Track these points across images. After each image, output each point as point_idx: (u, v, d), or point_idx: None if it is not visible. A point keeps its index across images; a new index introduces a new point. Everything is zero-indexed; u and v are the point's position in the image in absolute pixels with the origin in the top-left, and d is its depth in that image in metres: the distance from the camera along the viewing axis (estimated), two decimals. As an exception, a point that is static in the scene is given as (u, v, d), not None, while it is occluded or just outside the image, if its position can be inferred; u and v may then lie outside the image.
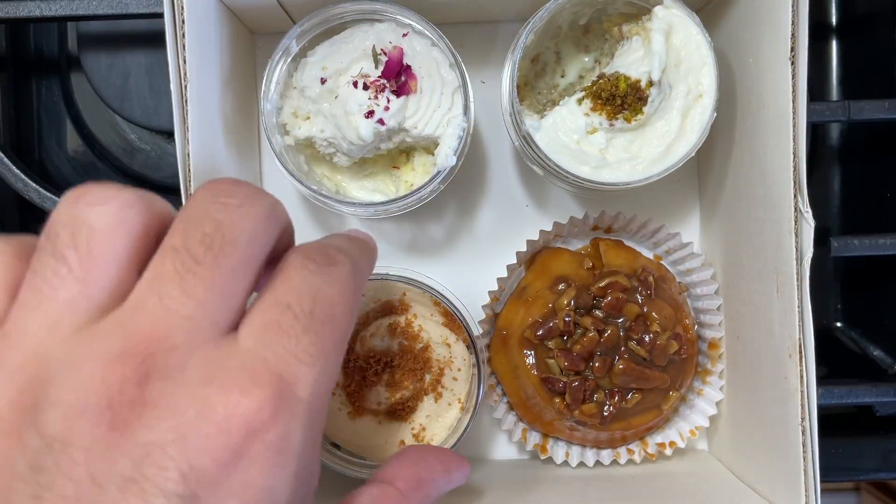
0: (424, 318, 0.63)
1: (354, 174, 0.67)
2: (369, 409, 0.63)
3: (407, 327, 0.62)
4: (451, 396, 0.62)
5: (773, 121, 0.58)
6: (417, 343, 0.62)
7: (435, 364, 0.62)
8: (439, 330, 0.63)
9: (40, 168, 0.78)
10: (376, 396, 0.62)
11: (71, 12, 0.68)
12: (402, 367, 0.62)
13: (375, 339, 0.62)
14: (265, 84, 0.62)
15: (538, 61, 0.68)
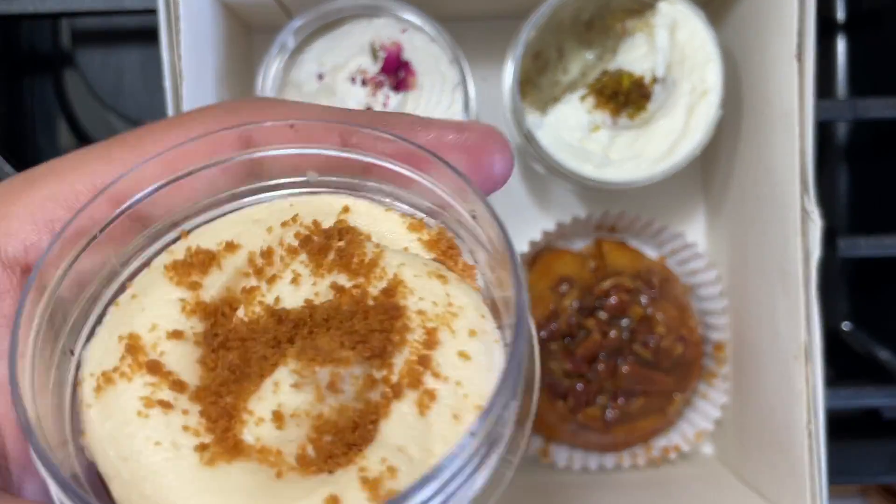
0: (401, 246, 0.30)
1: (352, 173, 0.66)
2: (258, 447, 0.26)
3: (351, 249, 0.28)
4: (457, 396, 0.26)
5: (779, 119, 0.57)
6: (372, 281, 0.28)
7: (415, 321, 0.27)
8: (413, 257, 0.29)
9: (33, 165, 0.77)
10: (268, 398, 0.26)
11: (65, 8, 0.67)
12: (339, 328, 0.27)
13: (281, 284, 0.28)
14: (261, 80, 0.61)
15: (540, 58, 0.67)
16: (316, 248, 0.28)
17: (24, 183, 0.30)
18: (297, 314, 0.27)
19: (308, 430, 0.25)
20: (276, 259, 0.28)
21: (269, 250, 0.28)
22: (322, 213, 0.29)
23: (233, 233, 0.29)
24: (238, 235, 0.28)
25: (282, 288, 0.28)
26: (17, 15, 0.67)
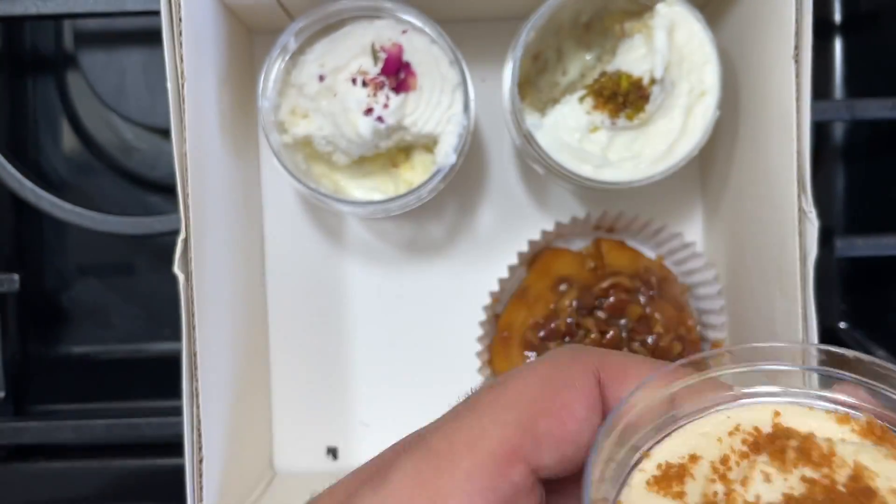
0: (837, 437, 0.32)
1: (353, 173, 0.66)
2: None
3: (805, 444, 0.31)
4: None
5: (776, 119, 0.58)
6: (836, 470, 0.31)
7: (890, 500, 0.30)
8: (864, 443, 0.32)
9: (36, 167, 0.77)
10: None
11: (67, 9, 0.67)
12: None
13: (754, 482, 0.31)
14: (263, 82, 0.61)
15: (539, 59, 0.67)
16: (776, 448, 0.31)
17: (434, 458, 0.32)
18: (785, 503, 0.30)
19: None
20: (732, 464, 0.32)
21: (725, 457, 0.32)
22: (757, 420, 0.33)
23: (689, 446, 0.32)
24: (694, 448, 0.32)
25: (758, 486, 0.30)
26: (19, 16, 0.67)
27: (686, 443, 0.33)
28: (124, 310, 0.78)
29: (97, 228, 0.68)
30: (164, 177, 0.78)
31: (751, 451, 0.32)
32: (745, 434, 0.33)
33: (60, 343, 0.78)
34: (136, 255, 0.78)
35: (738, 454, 0.32)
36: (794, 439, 0.31)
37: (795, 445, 0.31)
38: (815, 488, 0.30)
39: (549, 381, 0.33)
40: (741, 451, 0.32)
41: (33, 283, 0.76)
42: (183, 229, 0.56)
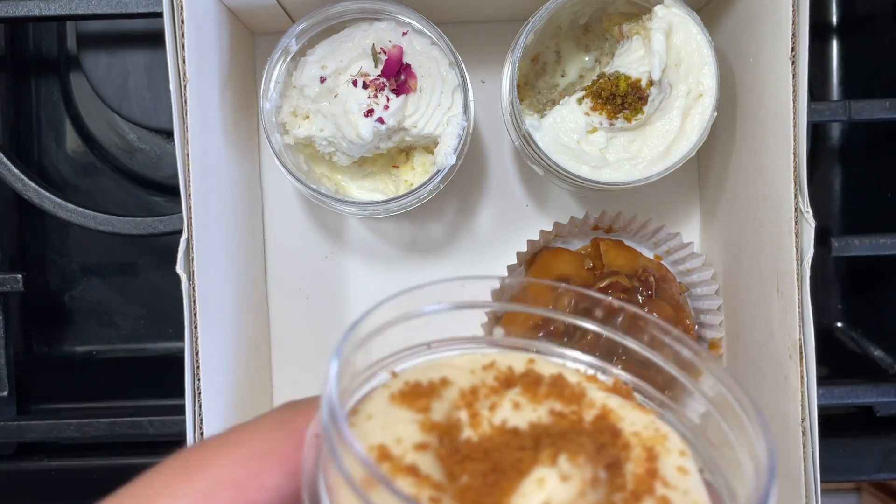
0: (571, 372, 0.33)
1: (354, 173, 0.67)
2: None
3: (557, 382, 0.32)
4: (685, 500, 0.28)
5: (773, 120, 0.58)
6: (586, 409, 0.31)
7: (632, 439, 0.30)
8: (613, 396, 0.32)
9: (39, 168, 0.78)
10: (532, 495, 0.27)
11: (70, 11, 0.67)
12: (572, 439, 0.29)
13: (502, 410, 0.31)
14: (264, 83, 0.62)
15: (538, 61, 0.68)
16: (528, 381, 0.30)
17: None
18: (531, 430, 0.29)
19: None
20: (481, 396, 0.31)
21: (475, 388, 0.31)
22: (512, 362, 0.32)
23: (441, 372, 0.31)
24: (446, 374, 0.31)
25: (506, 412, 0.30)
26: (22, 18, 0.68)
27: (438, 369, 0.32)
28: (127, 309, 0.78)
29: (100, 229, 0.69)
30: (167, 177, 0.78)
31: (501, 387, 0.31)
32: (499, 371, 0.32)
33: (64, 342, 0.78)
34: (138, 255, 0.78)
35: (489, 388, 0.31)
36: (545, 382, 0.31)
37: (548, 381, 0.31)
38: (562, 421, 0.30)
39: (246, 447, 0.31)
40: (492, 385, 0.31)
41: (37, 282, 0.76)
42: (185, 229, 0.57)
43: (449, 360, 0.33)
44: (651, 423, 0.30)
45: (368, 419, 0.29)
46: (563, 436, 0.28)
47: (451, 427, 0.30)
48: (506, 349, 0.33)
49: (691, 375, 0.33)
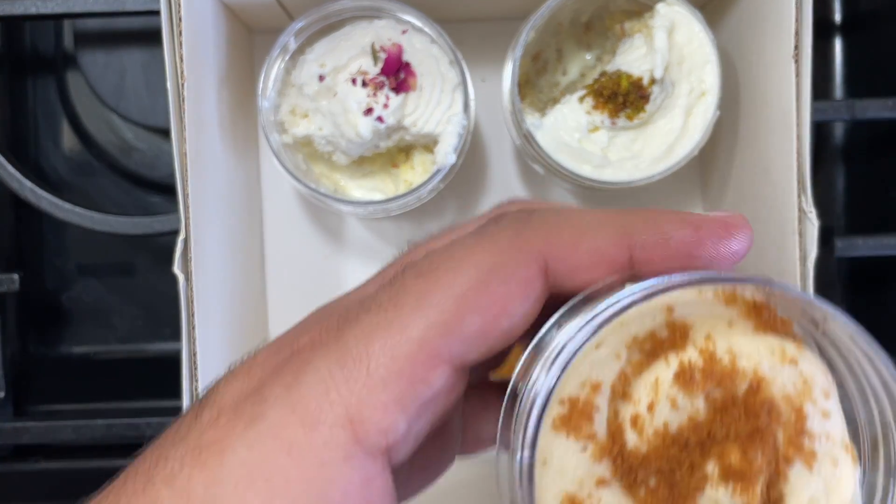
0: (723, 330, 0.33)
1: (353, 173, 0.66)
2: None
3: (709, 366, 0.32)
4: (829, 446, 0.32)
5: (776, 119, 0.58)
6: (739, 383, 0.32)
7: (783, 405, 0.32)
8: (760, 342, 0.32)
9: (36, 167, 0.77)
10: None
11: (67, 9, 0.67)
12: (733, 438, 0.31)
13: (661, 410, 0.32)
14: (263, 82, 0.61)
15: (539, 59, 0.67)
16: (681, 375, 0.31)
17: (349, 361, 0.29)
18: (693, 433, 0.31)
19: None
20: (632, 378, 0.31)
21: (623, 375, 0.31)
22: (651, 323, 0.31)
23: (588, 373, 0.31)
24: (593, 375, 0.31)
25: (665, 413, 0.31)
26: (19, 16, 0.67)
27: (584, 365, 0.31)
28: (124, 310, 0.78)
29: (97, 228, 0.68)
30: (164, 177, 0.78)
31: (648, 360, 0.31)
32: (643, 342, 0.31)
33: (60, 343, 0.78)
34: (136, 254, 0.78)
35: (635, 366, 0.31)
36: (694, 349, 0.31)
37: (700, 367, 0.31)
38: (719, 413, 0.31)
39: (483, 272, 0.30)
40: (638, 361, 0.31)
41: (33, 283, 0.76)
42: (183, 229, 0.56)
43: (591, 342, 0.31)
44: (799, 376, 0.31)
45: (543, 465, 0.30)
46: (726, 436, 0.30)
47: (616, 439, 0.31)
48: (638, 295, 0.31)
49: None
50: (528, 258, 0.31)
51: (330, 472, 0.28)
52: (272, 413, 0.29)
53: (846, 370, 0.32)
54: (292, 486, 0.28)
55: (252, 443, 0.28)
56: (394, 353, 0.29)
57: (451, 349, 0.29)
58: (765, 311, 0.32)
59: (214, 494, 0.28)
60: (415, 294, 0.30)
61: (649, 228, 0.32)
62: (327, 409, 0.28)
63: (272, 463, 0.28)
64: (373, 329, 0.30)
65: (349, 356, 0.29)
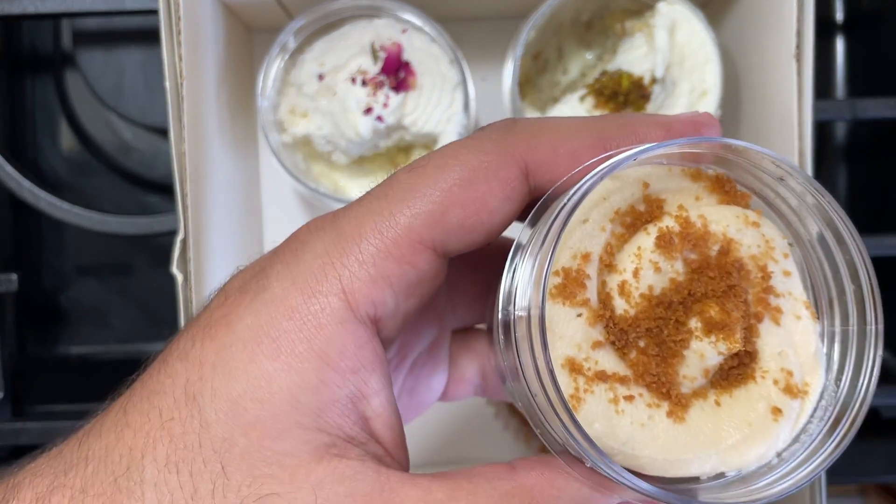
0: (692, 203, 0.36)
1: (353, 172, 0.66)
2: (692, 394, 0.36)
3: (685, 230, 0.35)
4: (792, 303, 0.36)
5: (778, 119, 0.57)
6: (711, 245, 0.35)
7: (750, 264, 0.36)
8: (726, 210, 0.36)
9: (34, 167, 0.77)
10: (695, 365, 0.35)
11: (65, 9, 0.67)
12: (711, 295, 0.35)
13: (645, 275, 0.35)
14: (262, 81, 0.61)
15: (540, 58, 0.67)
16: (663, 241, 0.34)
17: (343, 241, 0.33)
18: (675, 293, 0.34)
19: (720, 372, 0.35)
20: (616, 249, 0.35)
21: (609, 246, 0.34)
22: (630, 198, 0.35)
23: (579, 246, 0.34)
24: (580, 243, 0.34)
25: (649, 278, 0.34)
26: (17, 15, 0.67)
27: (573, 238, 0.34)
28: (123, 310, 0.77)
29: (95, 228, 0.68)
30: (163, 176, 0.77)
31: (628, 233, 0.35)
32: (624, 216, 0.35)
33: (59, 343, 0.77)
34: (134, 255, 0.77)
35: (617, 237, 0.35)
36: (669, 217, 0.34)
37: (677, 231, 0.34)
38: (696, 273, 0.34)
39: (468, 169, 0.33)
40: (620, 233, 0.35)
41: (31, 283, 0.75)
42: (181, 229, 0.56)
43: (579, 215, 0.34)
44: (762, 238, 0.35)
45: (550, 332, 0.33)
46: (704, 294, 0.34)
47: (607, 305, 0.34)
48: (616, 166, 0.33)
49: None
50: (509, 160, 0.33)
51: (327, 333, 0.31)
52: (275, 285, 0.32)
53: (803, 233, 0.36)
54: (295, 344, 0.31)
55: (258, 311, 0.32)
56: (383, 236, 0.32)
57: (434, 237, 0.33)
58: (726, 185, 0.35)
59: (224, 357, 0.31)
60: (404, 186, 0.33)
61: (624, 131, 0.34)
62: (323, 280, 0.32)
63: (276, 326, 0.31)
64: (365, 214, 0.33)
65: (343, 236, 0.33)
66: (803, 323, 0.36)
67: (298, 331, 0.31)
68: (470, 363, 0.44)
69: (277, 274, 0.33)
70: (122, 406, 0.33)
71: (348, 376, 0.32)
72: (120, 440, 0.31)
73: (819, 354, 0.36)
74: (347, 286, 0.32)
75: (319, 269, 0.32)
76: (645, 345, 0.34)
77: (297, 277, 0.32)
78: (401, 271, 0.32)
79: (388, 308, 0.33)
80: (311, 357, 0.31)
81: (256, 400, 0.31)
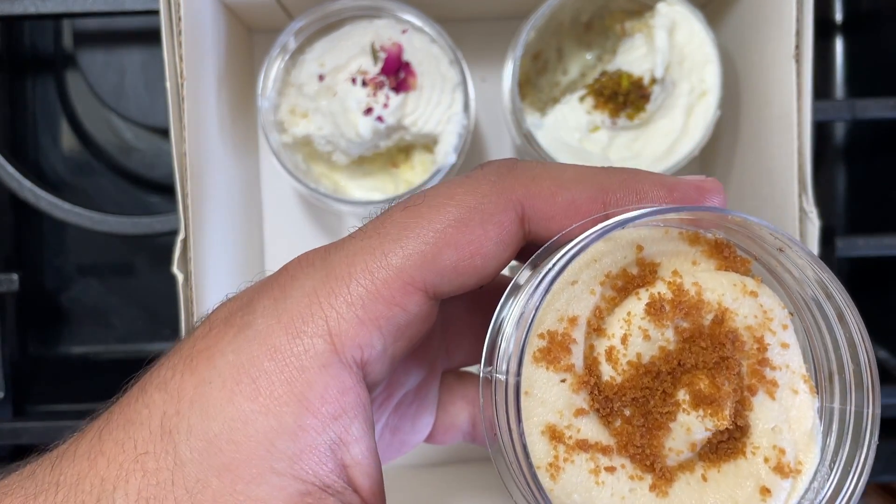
0: (688, 268, 0.35)
1: (353, 172, 0.66)
2: (678, 466, 0.34)
3: (678, 298, 0.34)
4: (789, 376, 0.35)
5: (777, 119, 0.57)
6: (705, 314, 0.34)
7: (746, 335, 0.34)
8: (723, 277, 0.34)
9: (35, 167, 0.77)
10: (681, 438, 0.34)
11: (66, 9, 0.67)
12: (702, 367, 0.34)
13: (634, 342, 0.34)
14: (262, 81, 0.61)
15: (540, 58, 0.67)
16: (653, 308, 0.33)
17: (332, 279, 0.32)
18: (664, 362, 0.33)
19: (717, 433, 0.34)
20: (606, 313, 0.33)
21: (598, 309, 0.33)
22: (622, 261, 0.34)
23: (566, 309, 0.32)
24: (567, 306, 0.33)
25: (637, 346, 0.33)
26: (18, 16, 0.67)
27: (559, 299, 0.32)
28: (124, 310, 0.78)
29: (96, 228, 0.68)
30: (164, 177, 0.77)
31: (619, 296, 0.33)
32: (614, 280, 0.33)
33: (60, 343, 0.77)
34: (135, 255, 0.77)
35: (608, 301, 0.33)
36: (662, 283, 0.33)
37: (669, 299, 0.33)
38: (687, 343, 0.33)
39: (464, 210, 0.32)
40: (611, 297, 0.33)
41: (32, 283, 0.75)
42: (182, 229, 0.56)
43: (566, 276, 0.33)
44: (759, 308, 0.34)
45: (526, 395, 0.32)
46: (695, 364, 0.33)
47: (593, 371, 0.33)
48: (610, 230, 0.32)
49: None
50: (507, 203, 0.33)
51: (309, 377, 0.30)
52: (259, 321, 0.31)
53: (803, 304, 0.34)
54: (275, 386, 0.30)
55: (240, 347, 0.31)
56: (373, 276, 0.31)
57: (426, 279, 0.32)
58: (725, 250, 0.34)
59: (203, 393, 0.31)
60: (398, 225, 0.32)
61: (625, 188, 0.33)
62: (309, 320, 0.31)
63: (257, 365, 0.30)
64: (356, 252, 0.32)
65: (332, 275, 0.32)
66: (800, 398, 0.34)
67: (279, 372, 0.30)
68: (461, 410, 0.43)
69: (263, 310, 0.32)
70: (98, 431, 0.32)
71: (328, 422, 0.31)
72: (92, 468, 0.31)
73: (815, 431, 0.34)
74: (334, 328, 0.31)
75: (306, 308, 0.31)
76: (630, 414, 0.33)
77: (283, 315, 0.31)
78: (390, 313, 0.32)
79: (376, 351, 0.32)
80: (290, 401, 0.30)
81: (232, 442, 0.30)
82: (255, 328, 0.31)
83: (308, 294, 0.31)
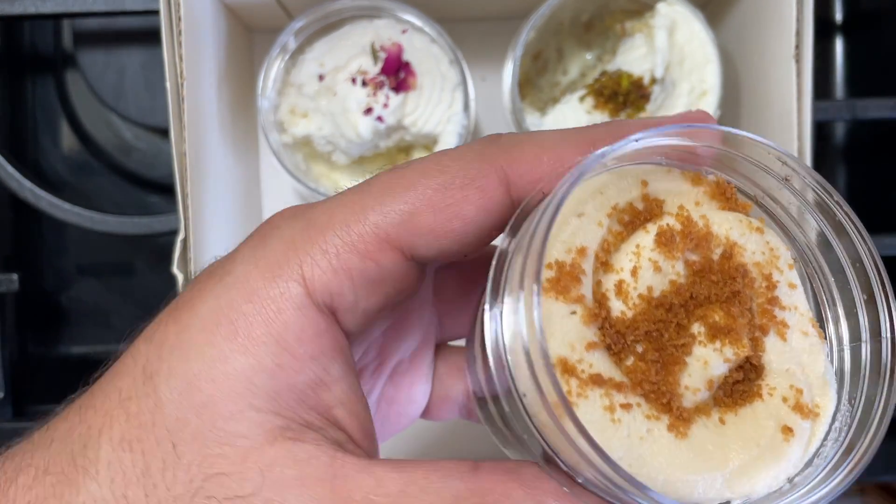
0: (693, 202, 0.34)
1: (353, 173, 0.66)
2: (694, 408, 0.32)
3: (687, 229, 0.33)
4: (798, 318, 0.34)
5: (777, 119, 0.57)
6: (714, 248, 0.33)
7: (755, 272, 0.33)
8: (728, 215, 0.34)
9: (35, 167, 0.77)
10: (698, 374, 0.32)
11: (66, 9, 0.67)
12: (714, 300, 0.32)
13: (644, 275, 0.32)
14: (262, 81, 0.61)
15: (540, 58, 0.67)
16: (663, 239, 0.32)
17: (311, 230, 0.33)
18: (676, 296, 0.32)
19: (731, 370, 0.32)
20: (613, 249, 0.32)
21: (605, 243, 0.32)
22: (628, 195, 0.33)
23: (574, 240, 0.31)
24: (574, 237, 0.31)
25: (648, 278, 0.32)
26: (18, 16, 0.67)
27: (565, 231, 0.31)
28: (124, 310, 0.78)
29: (96, 228, 0.68)
30: (164, 176, 0.77)
31: (625, 230, 0.33)
32: (622, 213, 0.33)
33: (60, 343, 0.77)
34: (135, 255, 0.77)
35: (615, 235, 0.33)
36: (670, 216, 0.32)
37: (678, 230, 0.32)
38: (698, 276, 0.32)
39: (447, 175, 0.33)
40: (617, 231, 0.33)
41: (32, 283, 0.75)
42: (182, 229, 0.56)
43: (574, 208, 0.32)
44: (766, 245, 0.33)
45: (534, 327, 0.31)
46: (707, 298, 0.32)
47: (603, 305, 0.31)
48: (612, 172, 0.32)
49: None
50: (489, 169, 0.33)
51: (285, 318, 0.31)
52: (239, 268, 0.32)
53: (805, 249, 0.34)
54: (253, 327, 0.31)
55: (219, 293, 0.32)
56: (349, 229, 0.32)
57: (401, 238, 0.33)
58: (728, 191, 0.34)
59: (184, 339, 0.32)
60: (382, 184, 0.33)
61: (612, 134, 0.33)
62: (285, 265, 0.32)
63: (236, 308, 0.31)
64: (337, 206, 0.33)
65: (311, 225, 0.33)
66: (810, 341, 0.33)
67: (257, 314, 0.31)
68: (455, 382, 0.44)
69: (242, 257, 0.33)
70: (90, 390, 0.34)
71: (307, 362, 0.32)
72: (82, 420, 0.32)
73: (829, 376, 0.33)
74: (308, 273, 0.32)
75: (283, 255, 0.32)
76: (643, 350, 0.31)
77: (261, 261, 0.32)
78: (363, 266, 0.32)
79: (346, 300, 0.33)
80: (267, 341, 0.31)
81: (211, 380, 0.31)
82: (235, 275, 0.32)
83: (286, 242, 0.33)
